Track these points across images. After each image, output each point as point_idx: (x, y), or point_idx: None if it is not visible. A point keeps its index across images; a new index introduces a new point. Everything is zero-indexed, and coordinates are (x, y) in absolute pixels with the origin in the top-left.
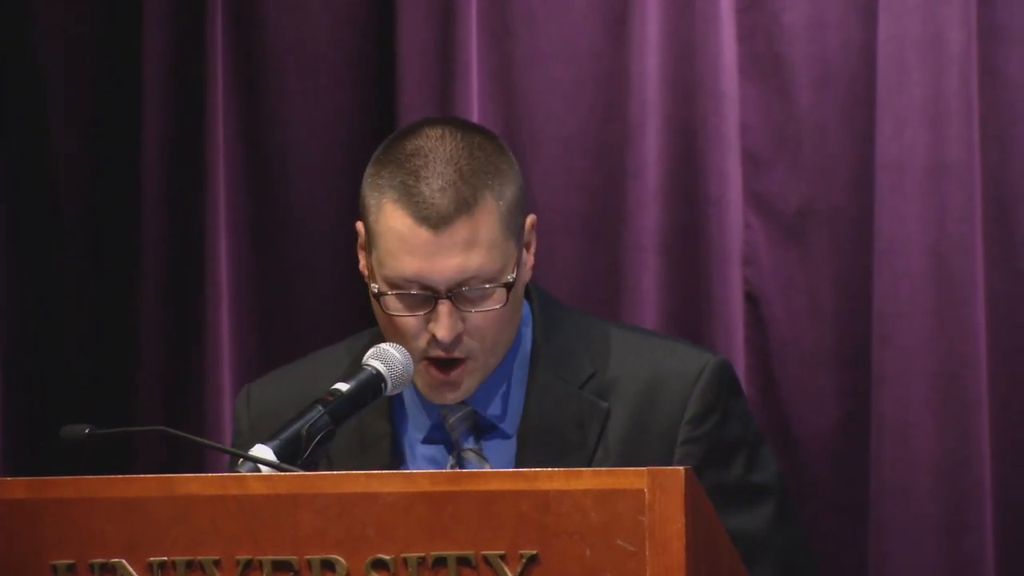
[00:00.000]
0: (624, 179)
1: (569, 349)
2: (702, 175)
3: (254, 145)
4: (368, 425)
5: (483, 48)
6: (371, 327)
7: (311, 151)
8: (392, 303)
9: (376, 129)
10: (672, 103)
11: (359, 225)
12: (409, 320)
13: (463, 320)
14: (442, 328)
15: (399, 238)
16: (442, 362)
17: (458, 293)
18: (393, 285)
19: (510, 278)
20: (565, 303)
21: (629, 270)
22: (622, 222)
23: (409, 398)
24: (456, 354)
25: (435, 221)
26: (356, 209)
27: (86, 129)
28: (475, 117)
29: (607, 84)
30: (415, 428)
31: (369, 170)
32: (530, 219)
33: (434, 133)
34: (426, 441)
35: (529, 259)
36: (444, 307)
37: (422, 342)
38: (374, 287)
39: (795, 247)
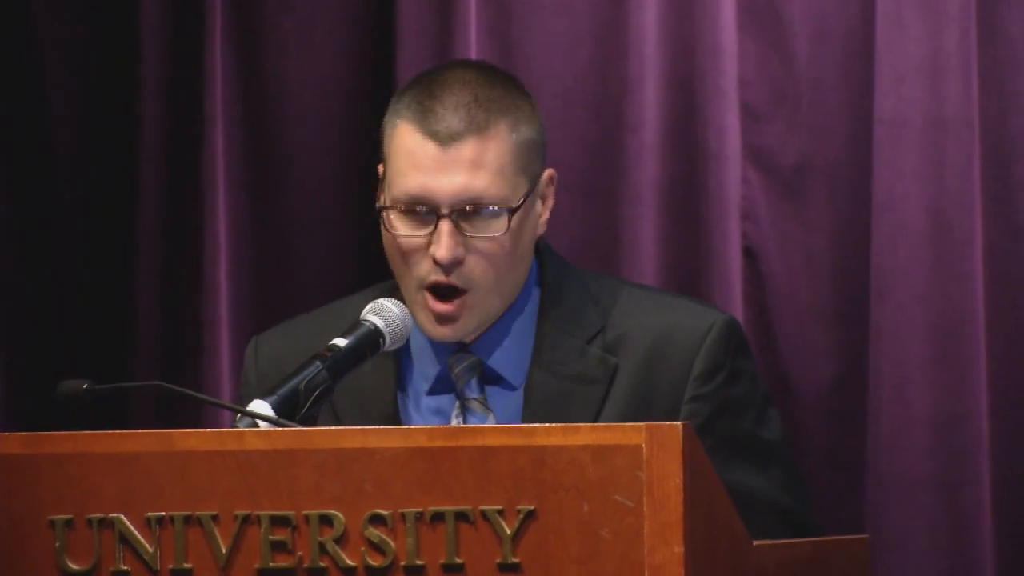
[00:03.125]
0: (622, 134)
1: (578, 305)
2: (700, 130)
3: (252, 101)
4: (376, 381)
5: (482, 2)
6: (381, 282)
7: (308, 106)
8: (396, 221)
9: (373, 84)
10: (670, 58)
11: (380, 168)
12: (411, 241)
13: (464, 246)
14: (442, 247)
15: (408, 154)
16: (441, 292)
17: (461, 213)
18: (398, 203)
19: (514, 204)
20: (563, 257)
21: (627, 224)
22: (620, 176)
23: (416, 347)
24: (454, 280)
25: (443, 136)
26: (353, 164)
27: (82, 84)
28: None
29: (605, 39)
30: (421, 378)
31: (390, 103)
32: (548, 173)
33: (459, 64)
34: (432, 392)
35: (544, 213)
36: (445, 225)
37: (423, 267)
38: (379, 205)
39: (793, 202)
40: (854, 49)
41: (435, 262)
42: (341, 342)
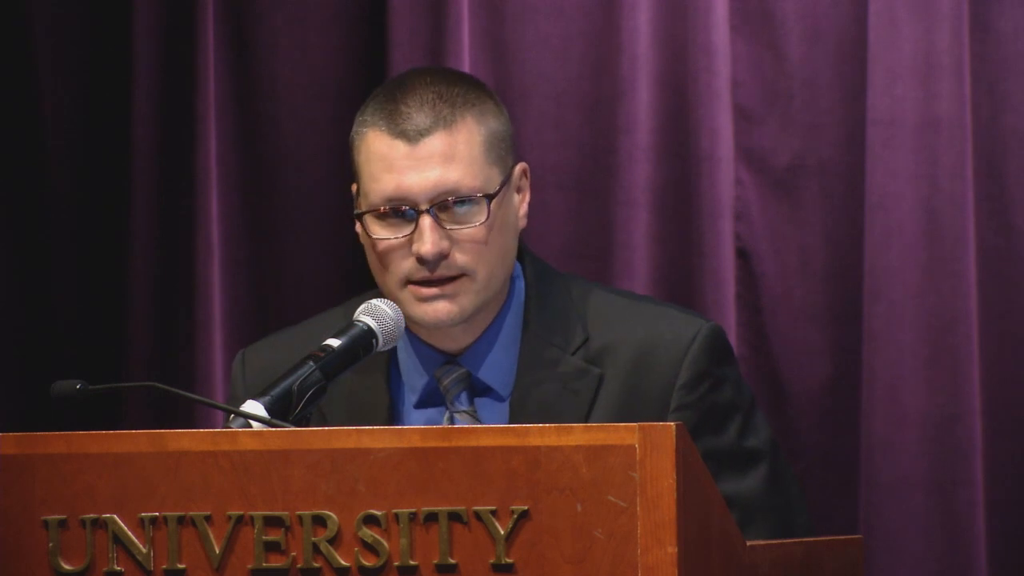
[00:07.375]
0: (615, 135)
1: (562, 315)
2: (693, 131)
3: (245, 101)
4: (366, 394)
5: (474, 3)
6: (368, 290)
7: (301, 107)
8: (375, 226)
9: (366, 84)
10: (663, 59)
11: (354, 187)
12: (393, 243)
13: (448, 239)
14: (425, 243)
15: (379, 158)
16: (430, 283)
17: (440, 207)
18: (376, 207)
19: (491, 192)
20: (556, 257)
21: (620, 225)
22: (613, 177)
23: (404, 360)
24: (442, 272)
25: (411, 134)
26: (346, 163)
27: (75, 86)
28: (466, 71)
29: (598, 40)
30: (410, 391)
31: (354, 121)
32: (521, 166)
33: (417, 70)
34: (420, 405)
35: (523, 206)
36: (426, 221)
37: (407, 265)
38: (356, 212)
39: (786, 202)
40: (846, 49)
41: (420, 260)
42: (334, 342)
